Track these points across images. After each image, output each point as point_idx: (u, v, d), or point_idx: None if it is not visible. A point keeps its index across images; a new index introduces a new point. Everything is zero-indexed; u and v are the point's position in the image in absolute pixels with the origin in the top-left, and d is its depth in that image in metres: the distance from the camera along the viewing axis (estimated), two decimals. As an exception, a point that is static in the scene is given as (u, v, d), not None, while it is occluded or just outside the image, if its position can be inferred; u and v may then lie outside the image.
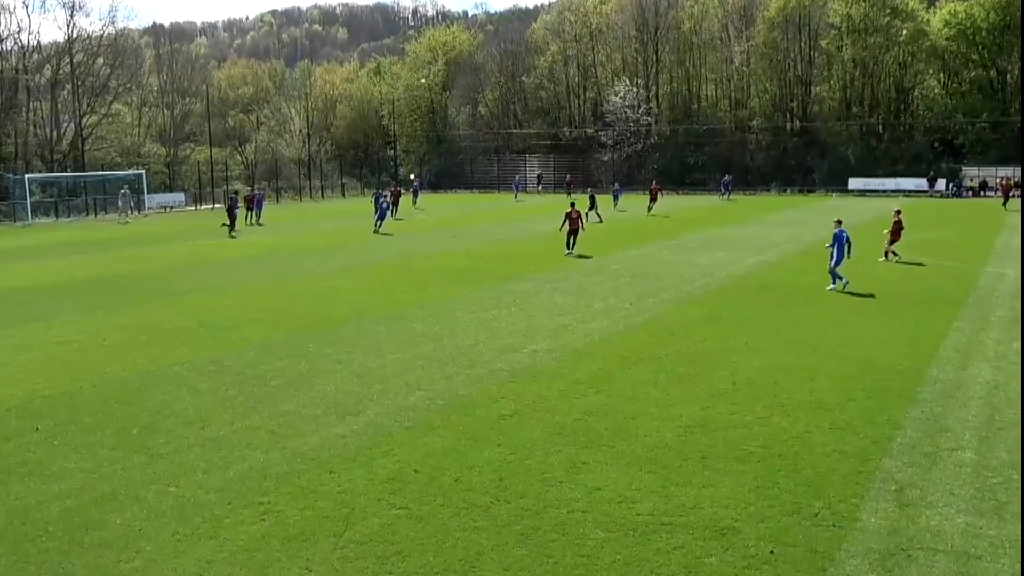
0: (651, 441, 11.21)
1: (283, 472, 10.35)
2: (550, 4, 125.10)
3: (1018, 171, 66.99)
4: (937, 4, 79.93)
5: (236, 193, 45.20)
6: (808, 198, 67.41)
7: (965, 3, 74.85)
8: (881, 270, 26.58)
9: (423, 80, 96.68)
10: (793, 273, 26.13)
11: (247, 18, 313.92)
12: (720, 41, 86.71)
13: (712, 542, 8.37)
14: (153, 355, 16.50)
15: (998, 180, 46.28)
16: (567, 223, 31.46)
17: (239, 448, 11.18)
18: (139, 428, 12.05)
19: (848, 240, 23.04)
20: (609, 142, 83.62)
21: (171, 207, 66.40)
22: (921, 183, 68.31)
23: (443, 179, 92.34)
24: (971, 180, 69.04)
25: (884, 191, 68.58)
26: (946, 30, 74.18)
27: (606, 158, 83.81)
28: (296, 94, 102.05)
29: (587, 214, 38.62)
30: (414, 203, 60.30)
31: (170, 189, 73.06)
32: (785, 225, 42.12)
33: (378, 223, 41.86)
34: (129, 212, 56.73)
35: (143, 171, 65.15)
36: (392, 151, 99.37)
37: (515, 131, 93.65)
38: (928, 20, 76.92)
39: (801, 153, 78.66)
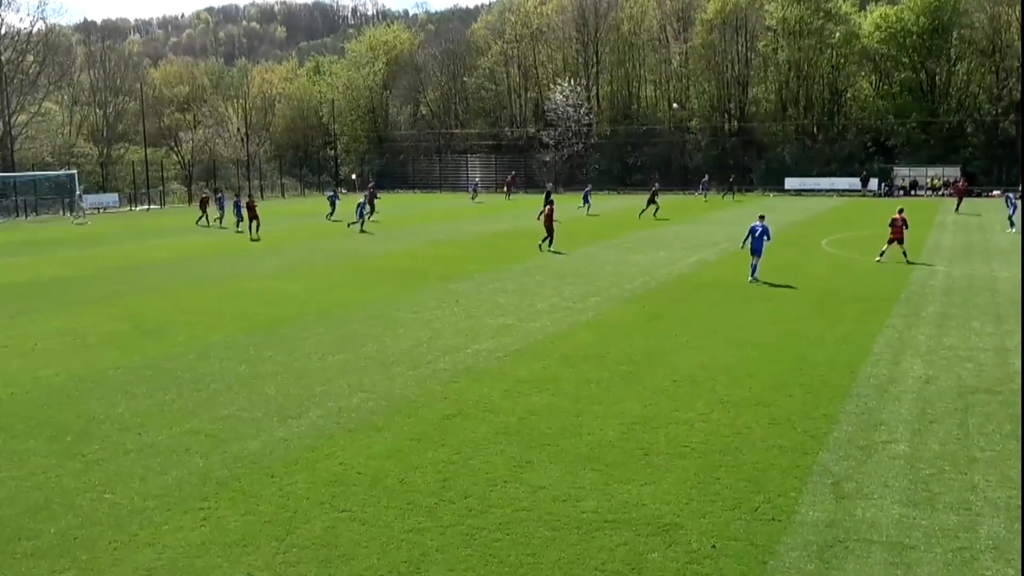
0: (594, 439, 11.29)
1: (223, 477, 10.19)
2: (491, 4, 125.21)
3: (947, 170, 69.09)
4: (868, 8, 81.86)
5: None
6: (746, 198, 68.47)
7: (895, 7, 76.83)
8: (816, 268, 27.12)
9: (362, 80, 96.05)
10: (732, 271, 26.51)
11: (183, 15, 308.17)
12: (659, 42, 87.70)
13: (655, 538, 8.46)
14: (87, 359, 16.11)
15: (955, 182, 46.17)
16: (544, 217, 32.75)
17: (177, 453, 10.98)
18: (73, 434, 11.75)
19: (764, 231, 24.27)
20: (551, 142, 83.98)
21: (105, 208, 64.84)
22: (854, 182, 69.95)
23: (384, 179, 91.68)
24: (902, 179, 70.93)
25: (819, 190, 69.98)
26: (877, 33, 76.07)
27: (548, 158, 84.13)
28: (234, 93, 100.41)
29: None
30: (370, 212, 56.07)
31: (103, 190, 71.31)
32: (724, 224, 42.73)
33: (358, 224, 41.49)
34: (84, 213, 55.42)
35: (75, 171, 63.49)
36: (332, 151, 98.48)
37: (457, 131, 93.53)
38: (860, 24, 78.79)
39: (739, 153, 79.95)
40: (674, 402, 12.84)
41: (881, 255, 28.16)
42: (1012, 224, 39.79)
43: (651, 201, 47.38)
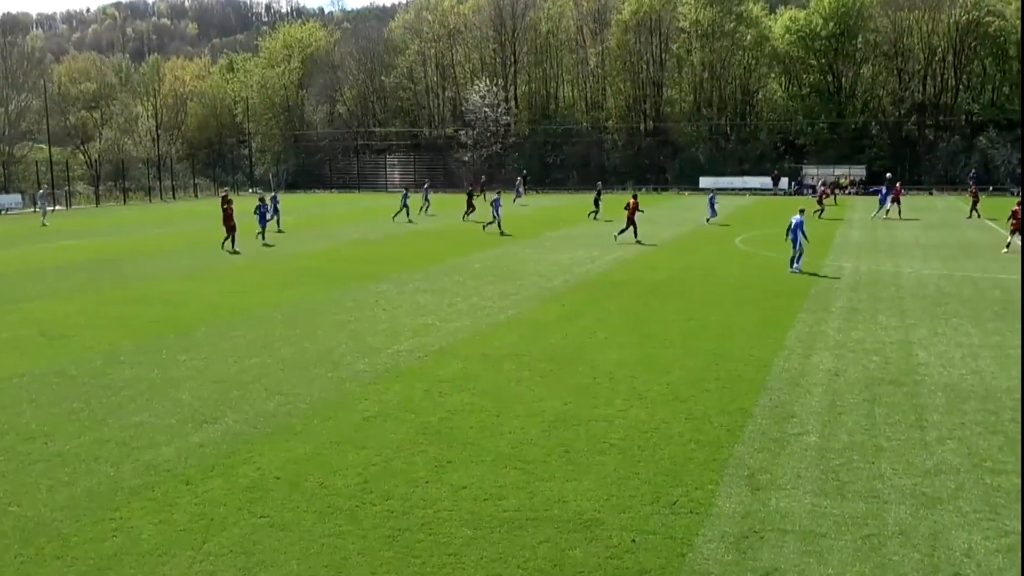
0: (515, 437, 11.33)
1: (135, 486, 9.90)
2: (407, 3, 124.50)
3: (853, 169, 71.38)
4: (778, 12, 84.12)
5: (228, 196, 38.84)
6: (662, 196, 69.57)
7: (804, 11, 79.12)
8: (730, 265, 27.72)
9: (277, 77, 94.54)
10: (649, 269, 26.92)
11: (88, 10, 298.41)
12: (576, 43, 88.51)
13: (576, 534, 8.53)
14: (-11, 367, 15.48)
15: (895, 183, 47.06)
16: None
17: (87, 462, 10.63)
18: (-26, 445, 11.28)
19: (797, 225, 25.39)
20: (469, 142, 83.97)
21: (7, 210, 62.41)
22: (766, 181, 71.74)
23: (301, 179, 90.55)
24: (811, 179, 72.98)
25: (732, 189, 71.52)
26: (787, 36, 78.26)
27: (466, 158, 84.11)
28: (144, 91, 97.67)
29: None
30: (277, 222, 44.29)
31: (6, 191, 68.60)
32: (641, 223, 43.25)
33: (260, 234, 37.55)
34: (46, 213, 52.14)
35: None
36: (247, 150, 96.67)
37: (375, 130, 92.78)
38: (770, 27, 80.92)
39: (655, 153, 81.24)
40: (594, 399, 12.97)
41: (1007, 246, 30.18)
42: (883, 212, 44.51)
43: (596, 202, 46.48)
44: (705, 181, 74.21)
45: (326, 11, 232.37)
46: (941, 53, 75.21)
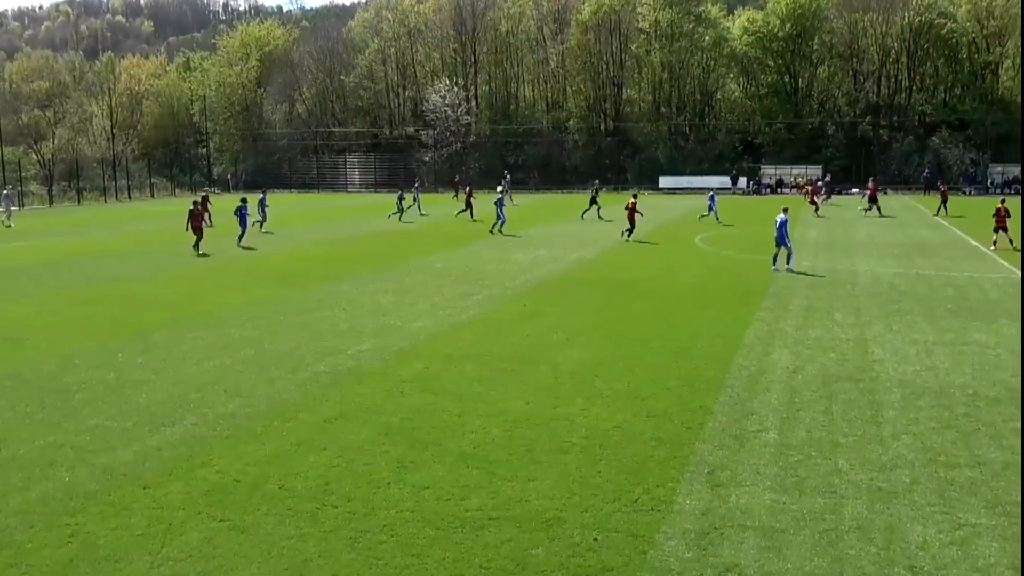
0: (477, 437, 11.33)
1: (91, 490, 9.75)
2: (367, 2, 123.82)
3: (810, 169, 72.32)
4: (736, 13, 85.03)
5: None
6: (623, 196, 69.88)
7: (762, 12, 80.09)
8: (691, 264, 27.95)
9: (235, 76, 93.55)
10: (610, 269, 27.05)
11: (40, 7, 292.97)
12: (536, 43, 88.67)
13: (539, 533, 8.55)
14: (-61, 371, 15.14)
15: (869, 182, 47.69)
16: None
17: (41, 467, 10.44)
18: (-76, 451, 11.03)
19: (782, 224, 25.81)
20: (430, 141, 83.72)
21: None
22: (725, 181, 72.40)
23: (260, 178, 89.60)
24: (769, 178, 73.90)
25: (691, 189, 72.09)
26: (745, 37, 79.15)
27: (427, 157, 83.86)
28: (98, 89, 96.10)
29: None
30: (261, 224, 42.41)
31: (-46, 190, 67.11)
32: (602, 222, 43.50)
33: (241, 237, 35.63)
34: (11, 213, 50.29)
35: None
36: (205, 149, 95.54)
37: (335, 130, 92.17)
38: (729, 28, 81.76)
39: (615, 152, 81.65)
40: (556, 398, 13.01)
41: (994, 244, 30.63)
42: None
43: (593, 201, 46.10)
44: (665, 180, 74.77)
45: (284, 10, 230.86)
46: (895, 55, 76.56)
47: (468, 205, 46.53)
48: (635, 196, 37.21)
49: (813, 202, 48.79)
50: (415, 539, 8.46)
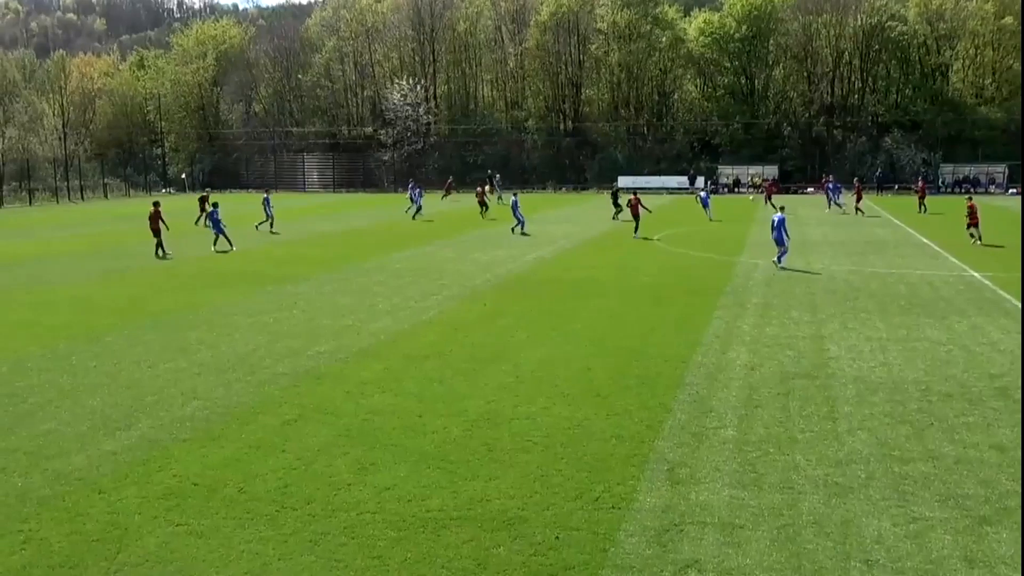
0: (438, 437, 11.30)
1: (45, 496, 9.56)
2: (324, 1, 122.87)
3: (766, 168, 73.22)
4: (692, 14, 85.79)
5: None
6: (582, 196, 70.19)
7: (718, 14, 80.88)
8: (649, 263, 28.12)
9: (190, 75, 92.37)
10: (569, 268, 27.13)
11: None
12: (495, 43, 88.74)
13: (500, 533, 8.55)
14: None
15: (855, 182, 49.00)
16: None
17: (-8, 473, 10.22)
18: None
19: (780, 223, 26.40)
20: (389, 141, 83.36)
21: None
22: (683, 180, 72.98)
23: (216, 178, 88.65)
24: (726, 177, 74.62)
25: (650, 188, 72.52)
26: (701, 38, 79.91)
27: (386, 157, 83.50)
28: (49, 87, 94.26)
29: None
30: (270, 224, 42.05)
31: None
32: (560, 222, 43.66)
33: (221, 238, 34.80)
34: None
35: None
36: (159, 149, 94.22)
37: (292, 129, 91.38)
38: (685, 29, 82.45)
39: (574, 153, 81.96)
40: (516, 397, 13.02)
41: (973, 240, 31.75)
42: (839, 205, 48.92)
43: (615, 202, 44.81)
44: (623, 180, 75.08)
45: (240, 8, 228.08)
46: (848, 56, 77.70)
47: (482, 203, 48.12)
48: (635, 193, 37.61)
49: (769, 199, 49.75)
50: (376, 540, 8.41)
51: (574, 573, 7.80)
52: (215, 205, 34.46)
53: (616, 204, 44.99)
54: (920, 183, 50.62)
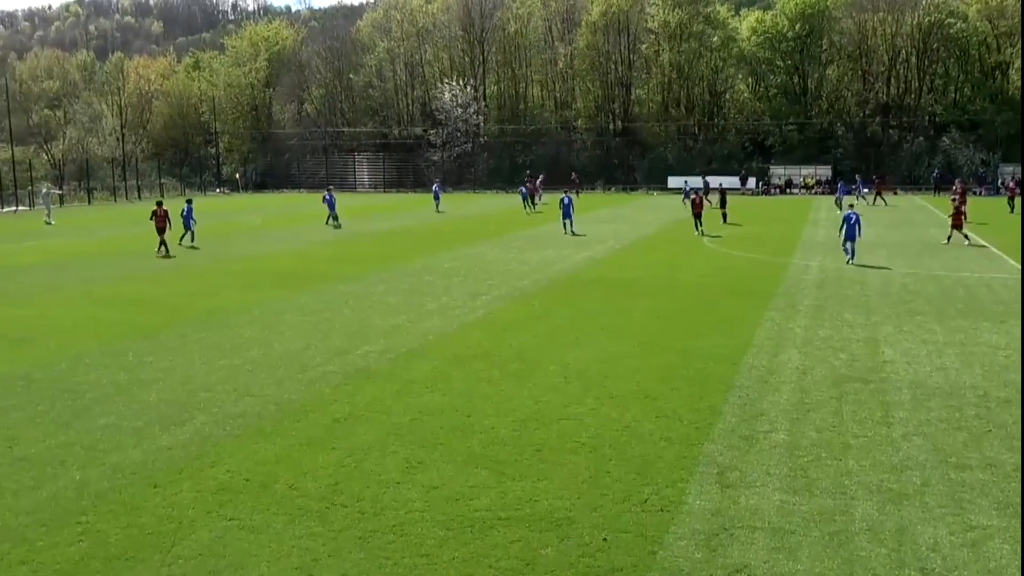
0: (486, 437, 11.32)
1: (102, 489, 9.78)
2: (375, 2, 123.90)
3: (819, 169, 72.21)
4: (742, 13, 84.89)
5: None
6: (631, 196, 69.85)
7: (770, 13, 79.92)
8: (699, 264, 27.89)
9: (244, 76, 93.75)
10: (618, 268, 27.02)
11: (50, 8, 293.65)
12: (545, 43, 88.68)
13: (548, 533, 8.54)
14: (-50, 370, 15.20)
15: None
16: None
17: (52, 466, 10.48)
18: (-64, 450, 11.07)
19: (857, 219, 27.04)
20: (438, 141, 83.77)
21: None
22: (734, 181, 72.25)
23: (269, 179, 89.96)
24: (778, 178, 73.73)
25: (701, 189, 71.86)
26: (753, 38, 78.99)
27: (436, 157, 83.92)
28: (108, 89, 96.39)
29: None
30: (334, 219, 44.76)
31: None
32: (610, 222, 43.50)
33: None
34: (50, 211, 52.79)
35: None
36: (214, 149, 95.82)
37: (343, 130, 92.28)
38: (737, 28, 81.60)
39: (623, 153, 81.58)
40: (564, 398, 12.99)
41: (967, 238, 31.84)
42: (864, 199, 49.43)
43: (723, 203, 43.45)
44: (673, 181, 74.64)
45: (293, 9, 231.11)
46: (904, 55, 76.26)
47: (532, 199, 50.78)
48: (696, 191, 37.79)
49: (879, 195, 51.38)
50: (424, 539, 8.46)
51: (622, 575, 7.76)
52: (189, 202, 37.10)
53: (723, 204, 43.34)
54: (1011, 183, 51.06)
